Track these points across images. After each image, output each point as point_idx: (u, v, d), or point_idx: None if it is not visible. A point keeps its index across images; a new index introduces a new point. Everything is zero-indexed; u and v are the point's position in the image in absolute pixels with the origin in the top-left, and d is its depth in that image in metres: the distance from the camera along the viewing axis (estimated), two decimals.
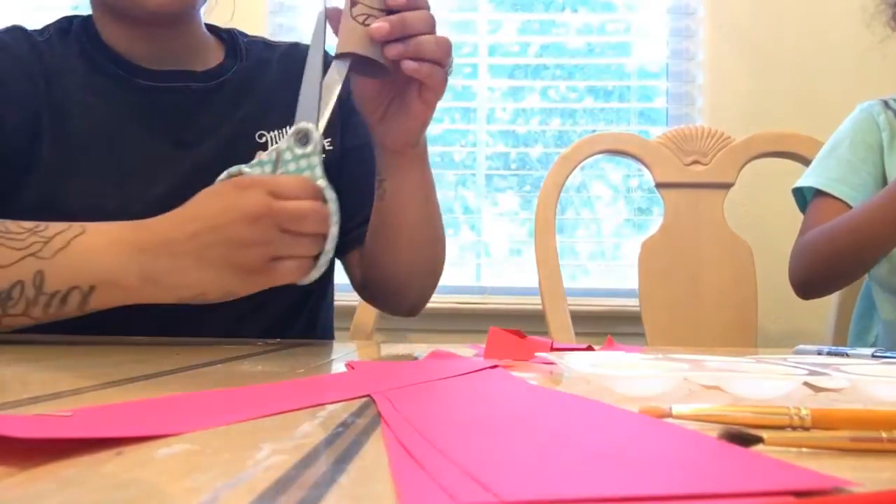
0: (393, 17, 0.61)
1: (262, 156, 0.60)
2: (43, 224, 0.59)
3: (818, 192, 1.09)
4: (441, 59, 0.64)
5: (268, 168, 0.60)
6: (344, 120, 0.86)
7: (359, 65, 0.63)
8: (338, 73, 0.62)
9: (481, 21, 1.77)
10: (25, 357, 0.50)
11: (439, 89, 0.67)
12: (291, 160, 0.60)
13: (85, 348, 0.58)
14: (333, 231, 0.59)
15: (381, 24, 0.61)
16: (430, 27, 0.63)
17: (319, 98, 0.61)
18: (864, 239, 0.97)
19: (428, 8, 0.64)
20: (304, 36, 0.66)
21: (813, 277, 1.07)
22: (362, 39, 0.61)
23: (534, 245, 1.26)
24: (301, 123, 0.60)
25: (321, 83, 0.62)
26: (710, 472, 0.19)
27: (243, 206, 0.56)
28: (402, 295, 0.86)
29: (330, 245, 0.59)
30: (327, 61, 0.63)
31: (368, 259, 0.83)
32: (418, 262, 0.82)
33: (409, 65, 0.62)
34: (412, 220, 0.78)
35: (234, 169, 0.60)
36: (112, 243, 0.58)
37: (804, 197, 1.15)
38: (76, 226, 0.59)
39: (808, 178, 1.12)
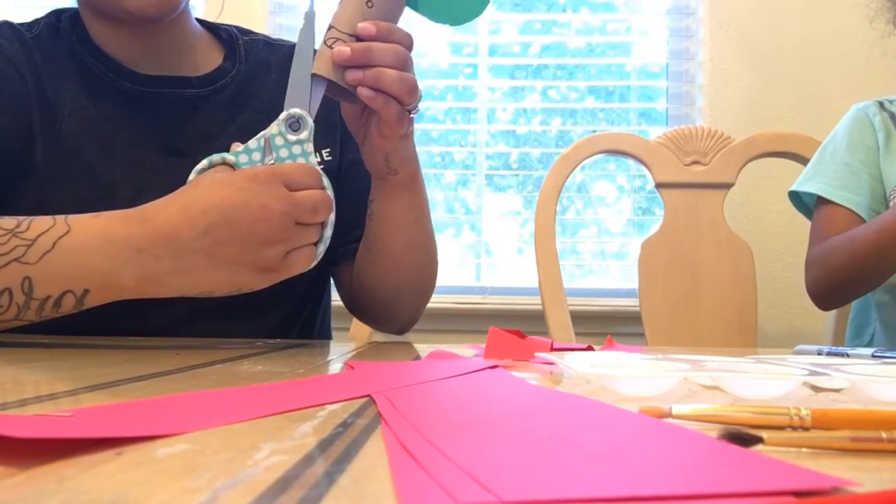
0: (357, 44, 0.61)
1: (250, 143, 0.58)
2: (25, 222, 0.55)
3: (822, 200, 1.09)
4: (400, 95, 0.62)
5: (256, 155, 0.58)
6: (344, 132, 0.85)
7: (333, 87, 0.62)
8: (314, 90, 0.61)
9: (482, 21, 1.77)
10: (25, 358, 0.50)
11: (394, 125, 0.65)
12: (283, 146, 0.58)
13: (85, 349, 0.57)
14: (331, 217, 0.58)
15: (342, 49, 0.60)
16: (400, 62, 0.62)
17: (311, 85, 0.60)
18: (888, 246, 0.96)
19: (406, 45, 0.63)
20: None
21: (834, 288, 1.06)
22: (327, 63, 0.61)
23: (534, 245, 1.26)
24: (293, 109, 0.59)
25: (311, 70, 0.61)
26: (710, 472, 0.19)
27: (265, 201, 0.54)
28: (388, 316, 0.86)
29: (329, 232, 0.59)
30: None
31: (357, 278, 0.83)
32: (404, 286, 0.81)
33: (363, 91, 0.61)
34: (399, 244, 0.77)
35: (215, 157, 0.58)
36: (102, 242, 0.54)
37: (799, 198, 1.15)
38: (60, 223, 0.55)
39: (807, 182, 1.12)
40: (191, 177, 0.58)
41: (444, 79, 1.78)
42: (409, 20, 0.65)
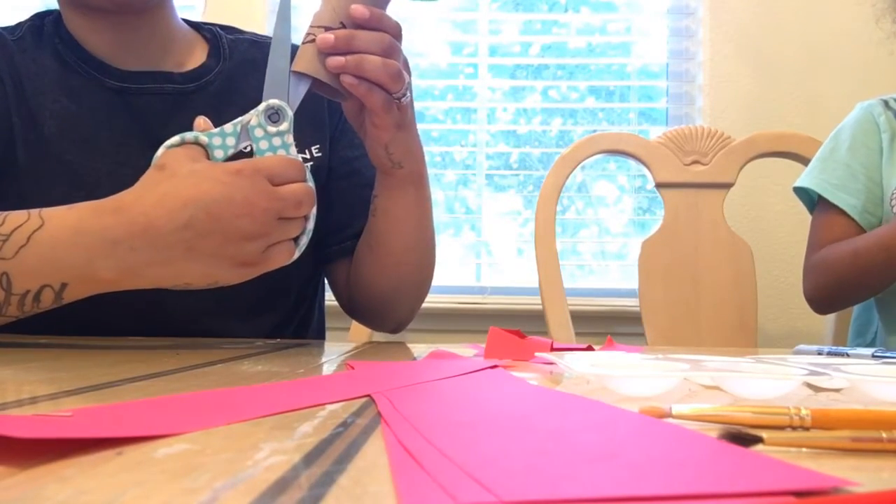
0: (341, 31, 0.60)
1: (225, 127, 0.57)
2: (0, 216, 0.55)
3: (821, 200, 1.10)
4: (385, 83, 0.61)
5: (230, 140, 0.57)
6: (336, 128, 0.84)
7: (318, 84, 0.61)
8: (296, 88, 0.60)
9: (482, 21, 1.77)
10: (25, 358, 0.50)
11: (381, 113, 0.64)
12: (263, 138, 0.57)
13: (85, 350, 0.57)
14: (314, 210, 0.58)
15: (326, 36, 0.59)
16: (384, 49, 0.61)
17: (290, 81, 0.60)
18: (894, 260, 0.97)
19: (393, 33, 0.62)
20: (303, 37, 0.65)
21: (836, 296, 1.08)
22: (307, 60, 0.60)
23: (534, 245, 1.26)
24: (272, 100, 0.58)
25: (290, 60, 0.60)
26: (710, 472, 0.19)
27: (247, 196, 0.53)
28: (385, 314, 0.85)
29: (311, 224, 0.58)
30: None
31: (355, 275, 0.82)
32: (404, 285, 0.81)
33: (346, 79, 0.60)
34: (401, 242, 0.77)
35: (188, 135, 0.57)
36: (76, 235, 0.54)
37: (807, 193, 1.15)
38: (34, 217, 0.55)
39: (808, 178, 1.12)
40: (159, 152, 0.56)
41: (444, 79, 1.78)
42: (410, 18, 0.65)
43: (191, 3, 1.70)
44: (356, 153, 0.84)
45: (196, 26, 0.85)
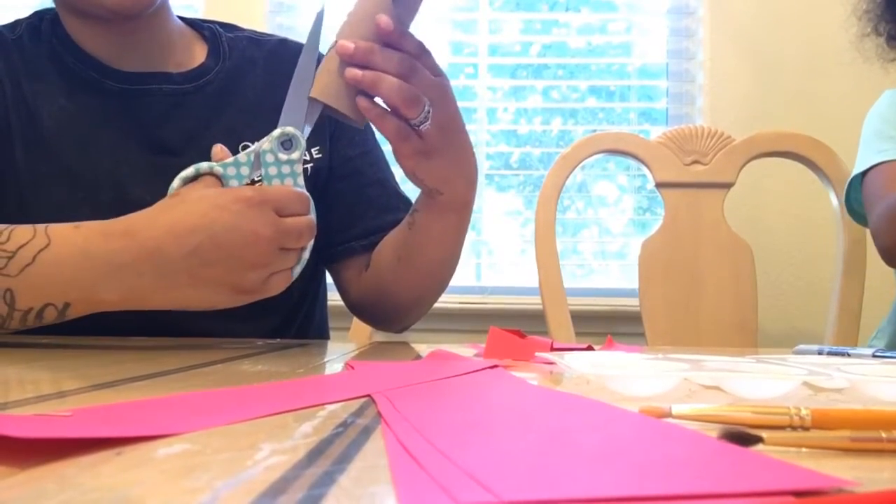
0: (362, 42, 0.58)
1: (239, 157, 0.57)
2: (5, 232, 0.55)
3: (869, 170, 1.05)
4: (399, 107, 0.59)
5: (245, 170, 0.57)
6: (336, 127, 0.84)
7: (332, 108, 0.60)
8: (308, 112, 0.60)
9: (482, 20, 1.77)
10: (26, 357, 0.50)
11: (395, 141, 0.62)
12: (273, 164, 0.58)
13: (86, 349, 0.57)
14: (311, 242, 0.59)
15: (346, 44, 0.58)
16: (403, 70, 0.59)
17: (308, 105, 0.59)
18: None
19: (414, 54, 0.60)
20: (303, 35, 0.64)
21: None
22: (318, 83, 0.59)
23: (535, 245, 1.26)
24: (287, 128, 0.58)
25: (311, 89, 0.60)
26: (710, 472, 0.19)
27: (254, 227, 0.54)
28: (401, 319, 0.86)
29: (307, 255, 0.59)
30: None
31: (376, 282, 0.82)
32: (427, 295, 0.83)
33: (361, 101, 0.59)
34: (432, 259, 0.77)
35: (203, 165, 0.57)
36: (83, 257, 0.54)
37: (854, 210, 1.12)
38: (40, 234, 0.55)
39: (862, 163, 1.08)
40: (175, 184, 0.57)
41: None
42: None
43: (190, 4, 1.71)
44: (356, 151, 0.84)
45: (195, 25, 0.85)
